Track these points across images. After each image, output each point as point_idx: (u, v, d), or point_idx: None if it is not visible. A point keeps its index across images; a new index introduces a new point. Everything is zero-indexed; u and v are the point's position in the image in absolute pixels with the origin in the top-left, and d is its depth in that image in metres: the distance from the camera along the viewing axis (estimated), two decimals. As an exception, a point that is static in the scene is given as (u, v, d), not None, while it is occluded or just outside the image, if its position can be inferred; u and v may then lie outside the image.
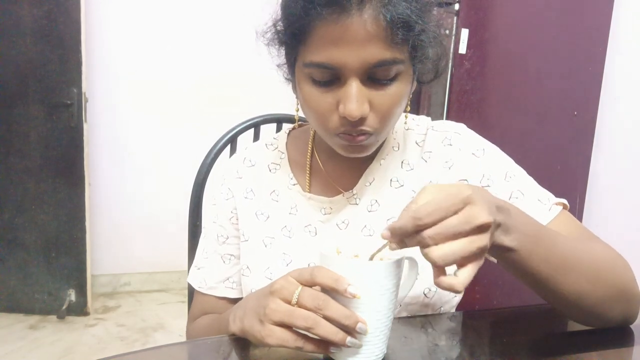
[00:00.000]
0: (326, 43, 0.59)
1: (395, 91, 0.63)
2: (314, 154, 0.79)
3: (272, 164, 0.80)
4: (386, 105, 0.63)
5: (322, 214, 0.76)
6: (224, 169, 0.83)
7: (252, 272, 0.75)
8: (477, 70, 1.82)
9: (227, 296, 0.80)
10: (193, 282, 0.83)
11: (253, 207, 0.78)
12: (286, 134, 0.83)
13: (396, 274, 0.52)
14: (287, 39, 0.64)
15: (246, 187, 0.79)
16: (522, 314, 0.79)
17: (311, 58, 0.61)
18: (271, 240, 0.76)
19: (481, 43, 1.81)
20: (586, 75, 2.05)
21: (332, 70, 0.61)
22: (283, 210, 0.77)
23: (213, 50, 2.76)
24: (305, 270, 0.52)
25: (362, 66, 0.60)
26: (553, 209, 0.69)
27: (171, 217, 2.66)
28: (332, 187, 0.76)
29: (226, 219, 0.80)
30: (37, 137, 2.38)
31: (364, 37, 0.58)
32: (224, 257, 0.80)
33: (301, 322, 0.50)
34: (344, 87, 0.61)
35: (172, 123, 2.78)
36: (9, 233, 2.44)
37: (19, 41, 2.30)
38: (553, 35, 1.94)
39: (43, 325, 2.40)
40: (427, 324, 0.67)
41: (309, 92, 0.64)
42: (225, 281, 0.80)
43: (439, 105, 1.84)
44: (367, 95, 0.62)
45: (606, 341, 0.64)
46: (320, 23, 0.59)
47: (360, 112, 0.61)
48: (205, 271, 0.81)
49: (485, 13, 1.82)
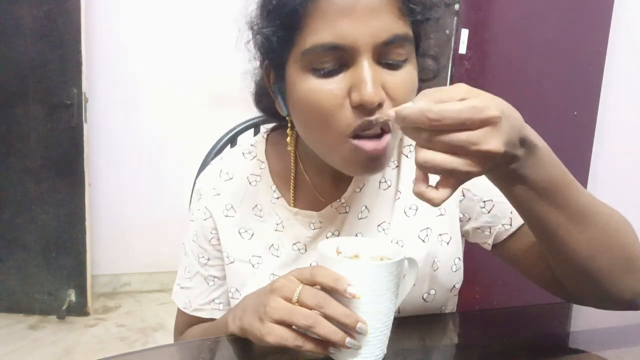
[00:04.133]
0: (332, 17, 0.52)
1: (409, 76, 0.56)
2: (297, 163, 0.71)
3: (251, 176, 0.73)
4: (402, 92, 0.55)
5: (311, 230, 0.70)
6: (200, 184, 0.76)
7: (242, 294, 0.70)
8: (477, 70, 1.82)
9: (215, 317, 0.75)
10: (177, 302, 0.77)
11: (235, 224, 0.71)
12: (264, 139, 0.75)
13: (396, 274, 0.51)
14: (279, 29, 0.56)
15: (225, 204, 0.72)
16: (522, 314, 0.79)
17: (314, 40, 0.53)
18: (258, 259, 0.70)
19: (481, 43, 1.81)
20: (586, 75, 2.05)
21: (340, 51, 0.53)
22: (268, 226, 0.71)
23: (213, 50, 2.76)
24: (305, 269, 0.52)
25: (374, 42, 0.53)
26: None
27: (171, 217, 2.66)
28: (319, 199, 0.70)
29: (206, 240, 0.73)
30: (37, 137, 2.38)
31: (375, 5, 0.52)
32: (207, 278, 0.75)
33: (301, 321, 0.49)
34: (354, 70, 0.54)
35: (172, 123, 2.78)
36: (9, 233, 2.44)
37: (19, 41, 2.30)
38: (553, 35, 1.94)
39: (43, 325, 2.40)
40: (427, 324, 0.67)
41: (309, 88, 0.55)
42: (211, 303, 0.75)
43: (439, 105, 1.83)
44: (381, 79, 0.54)
45: (606, 341, 0.64)
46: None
47: (379, 96, 0.53)
48: (190, 292, 0.76)
49: (485, 13, 1.82)
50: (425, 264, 0.68)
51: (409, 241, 0.69)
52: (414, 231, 0.69)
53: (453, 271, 0.70)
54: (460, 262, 0.71)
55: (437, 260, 0.69)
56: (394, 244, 0.68)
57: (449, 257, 0.70)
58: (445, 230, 0.70)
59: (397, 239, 0.69)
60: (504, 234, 0.69)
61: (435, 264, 0.69)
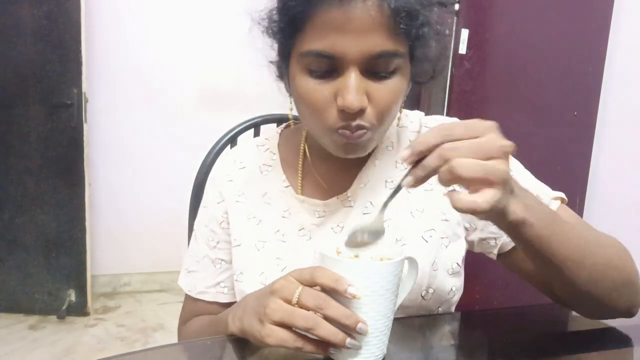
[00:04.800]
0: (327, 30, 0.57)
1: (394, 86, 0.61)
2: (306, 156, 0.76)
3: (263, 166, 0.78)
4: (385, 100, 0.61)
5: (316, 217, 0.73)
6: (214, 172, 0.81)
7: (246, 277, 0.73)
8: (477, 70, 1.82)
9: (218, 301, 0.78)
10: (183, 285, 0.81)
11: (245, 210, 0.76)
12: (278, 134, 0.81)
13: (397, 275, 0.52)
14: (285, 26, 0.62)
15: (237, 190, 0.77)
16: (522, 314, 0.79)
17: (309, 46, 0.59)
18: (264, 244, 0.73)
19: (481, 43, 1.81)
20: (586, 75, 2.05)
21: (331, 60, 0.59)
22: (276, 213, 0.74)
23: (213, 50, 2.76)
24: (305, 270, 0.52)
25: (362, 56, 0.58)
26: (552, 204, 0.69)
27: (171, 217, 2.66)
28: (325, 189, 0.74)
29: (217, 223, 0.78)
30: (37, 137, 2.38)
31: (367, 25, 0.57)
32: (214, 261, 0.78)
33: (301, 323, 0.50)
34: (343, 77, 0.59)
35: (172, 123, 2.78)
36: (9, 233, 2.44)
37: (19, 41, 2.30)
38: (553, 35, 1.94)
39: (43, 325, 2.40)
40: (427, 325, 0.67)
41: (304, 85, 0.62)
42: (216, 286, 0.78)
43: (439, 105, 1.84)
44: (365, 88, 0.60)
45: (606, 341, 0.64)
46: (322, 8, 0.57)
47: (360, 103, 0.59)
48: (196, 275, 0.79)
49: (485, 13, 1.82)
50: (426, 262, 0.69)
51: (412, 240, 0.69)
52: (418, 231, 0.70)
53: (450, 274, 0.71)
54: (459, 267, 0.72)
55: (437, 260, 0.70)
56: (394, 243, 0.68)
57: (447, 261, 0.71)
58: (447, 234, 0.71)
59: (400, 237, 0.70)
60: (508, 245, 0.72)
61: (436, 264, 0.69)
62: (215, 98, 2.78)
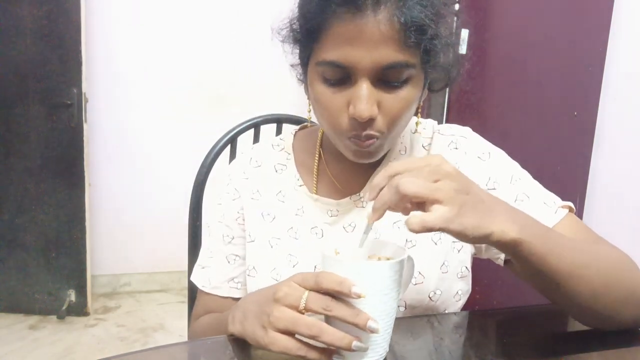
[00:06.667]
0: (340, 42, 0.60)
1: (405, 95, 0.63)
2: (321, 156, 0.79)
3: (278, 165, 0.80)
4: (395, 109, 0.63)
5: (328, 216, 0.75)
6: (231, 169, 0.83)
7: (258, 272, 0.75)
8: (477, 70, 1.82)
9: (232, 296, 0.80)
10: (196, 281, 0.82)
11: (259, 207, 0.78)
12: (292, 135, 0.84)
13: (399, 273, 0.52)
14: (302, 37, 0.66)
15: (253, 188, 0.80)
16: (522, 314, 0.79)
17: (324, 56, 0.62)
18: (277, 241, 0.76)
19: (481, 43, 1.81)
20: (586, 75, 2.04)
21: (344, 69, 0.61)
22: (289, 211, 0.77)
23: (213, 50, 2.76)
24: (308, 275, 0.52)
25: (373, 67, 0.60)
26: (559, 212, 0.70)
27: (171, 217, 2.66)
28: (338, 189, 0.77)
29: (232, 219, 0.80)
30: (37, 137, 2.38)
31: (378, 38, 0.59)
32: (229, 257, 0.80)
33: (305, 331, 0.50)
34: (354, 87, 0.62)
35: (172, 123, 2.78)
36: (9, 233, 2.44)
37: (19, 41, 2.30)
38: (553, 36, 1.94)
39: (43, 325, 2.40)
40: (427, 324, 0.67)
41: (320, 92, 0.65)
42: (229, 281, 0.80)
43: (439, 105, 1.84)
44: (376, 97, 0.62)
45: (606, 341, 0.64)
46: (335, 22, 0.60)
47: (369, 112, 0.61)
48: (210, 270, 0.81)
49: (485, 13, 1.82)
50: (435, 264, 0.71)
51: (422, 241, 0.72)
52: (428, 234, 0.70)
53: (458, 277, 0.73)
54: (467, 271, 0.74)
55: (446, 263, 0.72)
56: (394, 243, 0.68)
57: (458, 264, 0.73)
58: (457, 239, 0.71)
59: (410, 239, 0.72)
60: None
61: (445, 267, 0.72)
62: (215, 98, 2.78)
